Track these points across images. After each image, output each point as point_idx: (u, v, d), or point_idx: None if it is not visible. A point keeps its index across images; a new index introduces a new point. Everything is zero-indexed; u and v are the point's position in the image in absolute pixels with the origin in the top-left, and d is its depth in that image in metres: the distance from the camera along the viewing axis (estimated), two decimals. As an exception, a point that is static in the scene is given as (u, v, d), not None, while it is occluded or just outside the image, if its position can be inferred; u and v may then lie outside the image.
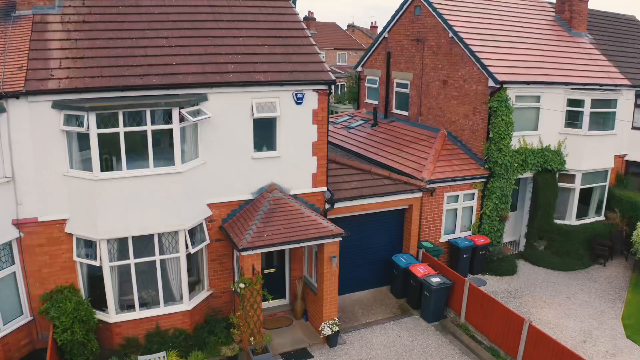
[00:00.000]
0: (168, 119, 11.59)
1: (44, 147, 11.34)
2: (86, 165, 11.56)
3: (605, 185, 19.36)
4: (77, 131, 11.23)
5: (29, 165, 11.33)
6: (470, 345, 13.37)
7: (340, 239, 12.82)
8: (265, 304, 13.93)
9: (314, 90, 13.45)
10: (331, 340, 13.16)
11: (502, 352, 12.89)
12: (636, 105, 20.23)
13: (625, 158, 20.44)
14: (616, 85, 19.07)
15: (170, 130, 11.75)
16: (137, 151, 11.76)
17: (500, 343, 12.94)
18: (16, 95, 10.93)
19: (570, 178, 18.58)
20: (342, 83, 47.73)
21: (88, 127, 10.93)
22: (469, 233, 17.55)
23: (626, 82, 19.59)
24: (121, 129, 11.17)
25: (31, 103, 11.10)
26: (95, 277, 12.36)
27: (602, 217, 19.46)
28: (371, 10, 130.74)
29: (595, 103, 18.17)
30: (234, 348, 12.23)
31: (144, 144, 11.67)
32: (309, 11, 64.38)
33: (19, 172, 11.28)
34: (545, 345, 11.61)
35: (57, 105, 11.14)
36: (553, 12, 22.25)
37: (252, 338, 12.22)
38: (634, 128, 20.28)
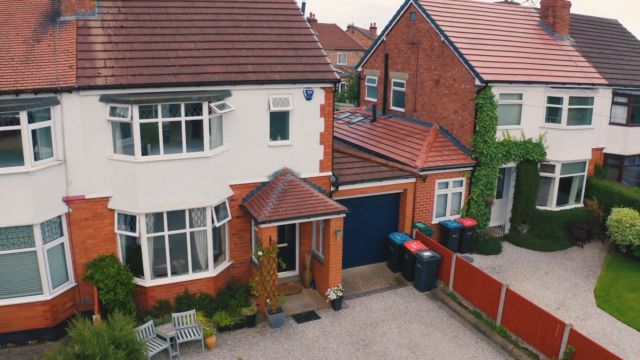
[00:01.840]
0: (199, 111, 13.47)
1: (92, 135, 13.20)
2: (127, 150, 13.44)
3: (583, 175, 21.01)
4: (121, 121, 13.12)
5: (78, 150, 13.18)
6: (457, 310, 15.26)
7: (344, 215, 14.65)
8: (277, 275, 15.78)
9: (321, 87, 15.32)
10: (336, 304, 15.05)
11: (485, 315, 14.79)
12: (613, 103, 21.78)
13: (604, 151, 22.03)
14: (593, 84, 20.73)
15: (197, 121, 13.59)
16: (169, 138, 13.66)
17: (483, 307, 14.84)
18: (69, 90, 12.79)
19: (551, 168, 20.33)
20: (342, 82, 49.40)
21: (132, 118, 12.83)
22: (458, 216, 19.32)
23: (603, 81, 21.26)
24: (159, 119, 13.06)
25: (82, 97, 12.97)
26: (131, 248, 14.27)
27: (580, 204, 21.17)
28: (370, 10, 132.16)
29: (572, 100, 19.87)
30: (253, 309, 14.11)
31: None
32: (310, 13, 65.88)
33: (70, 155, 13.14)
34: (520, 305, 13.53)
35: (104, 98, 13.03)
36: (538, 17, 23.97)
37: (269, 300, 14.11)
38: (611, 123, 21.83)
